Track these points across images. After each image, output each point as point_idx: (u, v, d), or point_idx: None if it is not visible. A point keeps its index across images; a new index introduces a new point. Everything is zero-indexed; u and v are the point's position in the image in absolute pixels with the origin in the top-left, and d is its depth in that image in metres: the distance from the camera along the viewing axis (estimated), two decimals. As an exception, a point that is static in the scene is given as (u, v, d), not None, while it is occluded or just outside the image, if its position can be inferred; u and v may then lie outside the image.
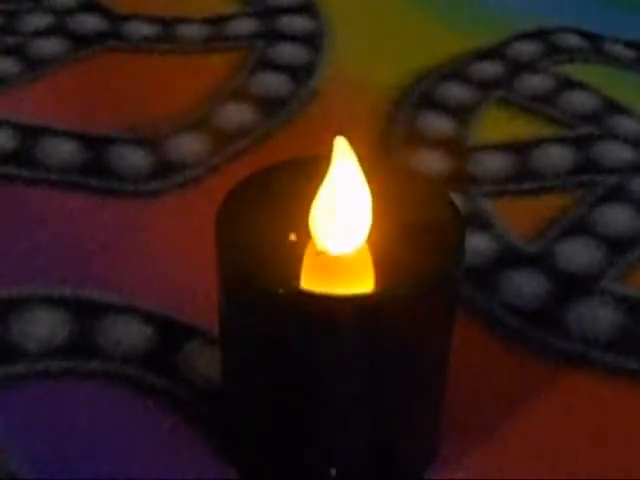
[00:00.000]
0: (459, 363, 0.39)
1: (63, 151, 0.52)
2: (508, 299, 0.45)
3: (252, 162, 0.51)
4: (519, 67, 0.60)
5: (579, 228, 0.49)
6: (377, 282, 0.35)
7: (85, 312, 0.44)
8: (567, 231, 0.49)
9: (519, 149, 0.54)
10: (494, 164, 0.53)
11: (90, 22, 0.62)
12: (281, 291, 0.33)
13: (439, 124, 0.55)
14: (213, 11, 0.64)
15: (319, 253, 0.35)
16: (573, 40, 0.62)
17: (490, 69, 0.60)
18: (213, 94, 0.57)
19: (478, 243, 0.48)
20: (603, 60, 0.61)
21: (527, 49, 0.61)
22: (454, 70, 0.60)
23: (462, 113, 0.56)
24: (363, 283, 0.34)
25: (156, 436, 0.39)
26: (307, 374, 0.34)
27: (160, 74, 0.59)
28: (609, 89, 0.58)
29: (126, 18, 0.63)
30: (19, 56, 0.59)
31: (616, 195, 0.51)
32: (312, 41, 0.61)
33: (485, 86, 0.58)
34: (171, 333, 0.43)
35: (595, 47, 0.62)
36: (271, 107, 0.56)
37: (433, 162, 0.53)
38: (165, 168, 0.52)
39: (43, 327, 0.43)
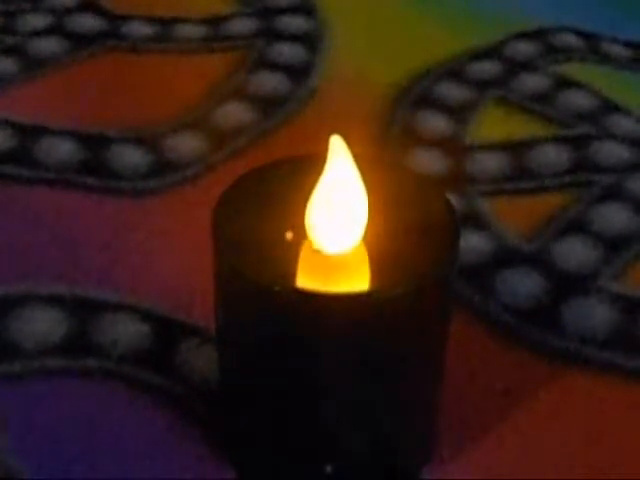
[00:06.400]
0: (455, 361, 0.39)
1: (61, 150, 0.52)
2: (505, 298, 0.45)
3: (250, 161, 0.51)
4: (517, 66, 0.60)
5: (576, 227, 0.49)
6: (373, 280, 0.35)
7: (82, 310, 0.44)
8: (564, 230, 0.49)
9: (516, 148, 0.54)
10: (491, 163, 0.53)
11: (89, 22, 0.62)
12: (277, 289, 0.33)
13: (436, 123, 0.55)
14: (211, 11, 0.64)
15: (315, 251, 0.35)
16: (570, 40, 0.62)
17: (487, 68, 0.60)
18: (211, 93, 0.57)
19: (475, 242, 0.48)
20: (600, 60, 0.61)
21: (525, 49, 0.61)
22: (452, 69, 0.60)
23: (459, 112, 0.56)
24: (359, 281, 0.34)
25: (153, 434, 0.39)
26: (303, 372, 0.35)
27: (159, 74, 0.59)
28: (606, 89, 0.58)
29: (125, 18, 0.63)
30: (18, 56, 0.59)
31: (613, 194, 0.51)
32: (310, 41, 0.61)
33: (482, 85, 0.58)
34: (168, 331, 0.43)
35: (592, 47, 0.62)
36: (269, 106, 0.56)
37: (430, 161, 0.53)
38: (163, 167, 0.52)
39: (40, 325, 0.43)
